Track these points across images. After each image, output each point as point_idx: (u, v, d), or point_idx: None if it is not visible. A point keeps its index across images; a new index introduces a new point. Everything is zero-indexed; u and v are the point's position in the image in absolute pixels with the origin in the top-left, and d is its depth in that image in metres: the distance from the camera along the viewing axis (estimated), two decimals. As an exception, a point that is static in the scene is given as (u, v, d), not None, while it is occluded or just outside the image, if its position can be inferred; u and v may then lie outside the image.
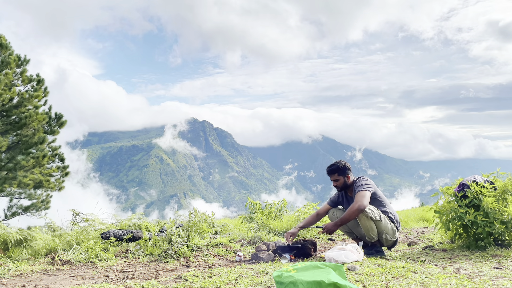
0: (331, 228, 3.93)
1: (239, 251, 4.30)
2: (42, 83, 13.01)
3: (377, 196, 4.05)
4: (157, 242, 4.10)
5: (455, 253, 3.93)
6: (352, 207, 3.80)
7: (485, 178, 4.27)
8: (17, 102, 12.42)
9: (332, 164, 4.25)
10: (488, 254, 3.68)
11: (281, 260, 3.65)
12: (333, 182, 4.23)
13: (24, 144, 12.22)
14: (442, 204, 4.27)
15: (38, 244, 3.93)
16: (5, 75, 11.87)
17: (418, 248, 4.50)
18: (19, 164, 12.00)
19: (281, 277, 2.23)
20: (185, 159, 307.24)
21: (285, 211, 6.28)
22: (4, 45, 12.31)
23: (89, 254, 3.83)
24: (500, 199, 4.10)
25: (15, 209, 12.97)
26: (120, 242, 4.30)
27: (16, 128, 12.11)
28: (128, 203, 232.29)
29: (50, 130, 13.03)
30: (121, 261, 3.77)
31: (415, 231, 6.37)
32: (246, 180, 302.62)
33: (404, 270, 2.97)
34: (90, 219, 4.70)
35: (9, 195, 12.89)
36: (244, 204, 6.90)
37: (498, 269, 3.02)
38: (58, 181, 13.53)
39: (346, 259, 3.35)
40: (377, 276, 2.75)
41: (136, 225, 4.97)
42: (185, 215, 4.90)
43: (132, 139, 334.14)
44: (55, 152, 13.28)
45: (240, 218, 6.78)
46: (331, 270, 2.31)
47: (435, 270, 3.00)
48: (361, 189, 3.94)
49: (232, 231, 5.46)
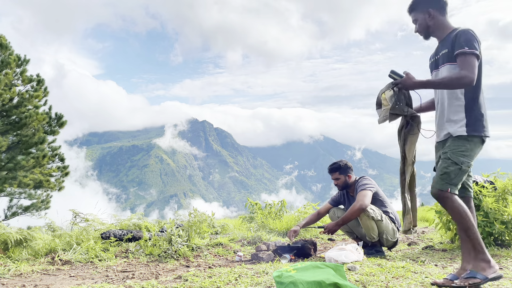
0: (333, 228, 3.93)
1: (239, 251, 4.30)
2: (42, 83, 13.01)
3: (378, 196, 4.05)
4: (157, 242, 4.10)
5: (455, 253, 3.93)
6: (354, 207, 3.80)
7: (485, 178, 4.28)
8: (17, 102, 12.43)
9: (334, 163, 4.26)
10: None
11: (281, 260, 3.64)
12: (334, 181, 4.24)
13: (24, 144, 12.22)
14: (442, 204, 4.27)
15: (38, 244, 3.93)
16: (5, 75, 11.87)
17: (418, 248, 4.50)
18: (19, 164, 12.00)
19: (281, 277, 2.23)
20: (185, 159, 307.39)
21: (285, 211, 6.28)
22: (4, 45, 12.31)
23: (89, 254, 3.83)
24: (500, 199, 4.10)
25: (15, 209, 12.97)
26: (120, 242, 4.30)
27: (16, 128, 12.11)
28: (128, 203, 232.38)
29: (50, 130, 13.04)
30: (121, 261, 3.77)
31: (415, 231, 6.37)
32: (246, 180, 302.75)
33: (404, 270, 2.97)
34: (90, 219, 4.70)
35: (9, 195, 12.89)
36: (244, 204, 6.90)
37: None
38: (58, 181, 13.53)
39: (346, 259, 3.35)
40: (377, 276, 2.75)
41: (136, 225, 4.97)
42: (185, 215, 4.90)
43: (132, 139, 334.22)
44: (55, 152, 13.29)
45: (240, 218, 6.79)
46: (331, 270, 2.31)
47: (435, 270, 3.00)
48: (363, 189, 3.94)
49: (232, 231, 5.46)
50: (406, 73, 2.70)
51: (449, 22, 2.75)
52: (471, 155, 2.57)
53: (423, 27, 2.80)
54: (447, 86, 2.55)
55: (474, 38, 2.56)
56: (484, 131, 2.59)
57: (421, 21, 2.79)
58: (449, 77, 2.52)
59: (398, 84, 2.71)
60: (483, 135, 2.58)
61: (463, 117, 2.58)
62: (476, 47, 2.53)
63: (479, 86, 2.60)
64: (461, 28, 2.65)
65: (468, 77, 2.46)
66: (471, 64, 2.49)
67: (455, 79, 2.49)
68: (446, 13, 2.76)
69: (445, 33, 2.72)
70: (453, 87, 2.56)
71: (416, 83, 2.65)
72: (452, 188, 2.54)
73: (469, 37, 2.55)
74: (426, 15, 2.75)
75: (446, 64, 2.64)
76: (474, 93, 2.59)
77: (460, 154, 2.54)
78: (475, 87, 2.57)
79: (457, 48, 2.55)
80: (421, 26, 2.80)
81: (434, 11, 2.73)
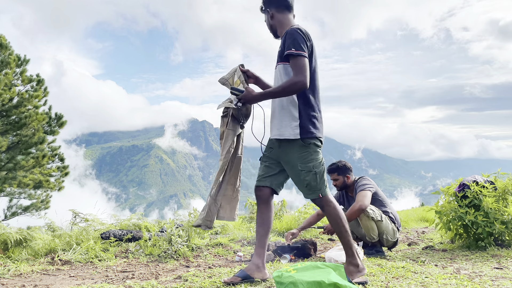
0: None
1: (239, 251, 4.29)
2: (42, 83, 13.02)
3: (378, 196, 4.05)
4: (157, 242, 4.10)
5: (455, 253, 3.93)
6: (354, 207, 3.80)
7: (485, 178, 4.28)
8: (17, 102, 12.43)
9: (332, 164, 4.26)
10: (488, 254, 3.67)
11: (281, 260, 3.64)
12: (333, 182, 4.24)
13: (24, 144, 12.22)
14: (443, 204, 4.27)
15: (38, 244, 3.92)
16: (5, 75, 11.87)
17: (418, 248, 4.49)
18: (19, 164, 12.00)
19: (281, 277, 2.23)
20: (185, 159, 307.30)
21: (284, 211, 6.28)
22: (4, 45, 12.31)
23: (89, 254, 3.83)
24: (501, 199, 4.10)
25: (15, 209, 12.97)
26: (120, 242, 4.29)
27: (16, 128, 12.11)
28: (128, 203, 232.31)
29: (50, 130, 13.04)
30: (121, 261, 3.77)
31: (415, 231, 6.37)
32: (246, 180, 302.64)
33: (404, 270, 2.96)
34: (90, 219, 4.69)
35: (9, 195, 12.90)
36: (244, 204, 6.90)
37: (498, 269, 3.02)
38: (57, 181, 13.54)
39: (346, 259, 3.34)
40: (377, 276, 2.75)
41: (136, 225, 4.96)
42: (185, 215, 4.90)
43: (132, 139, 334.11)
44: (55, 152, 13.29)
45: (240, 218, 6.78)
46: (331, 270, 2.31)
47: (435, 270, 3.00)
48: (362, 189, 3.94)
49: (232, 231, 5.45)
50: (246, 87, 2.71)
51: (290, 19, 2.77)
52: (317, 157, 2.60)
53: (268, 27, 2.85)
54: (284, 94, 2.54)
55: (301, 37, 2.54)
56: (317, 132, 2.61)
57: (265, 21, 2.85)
58: (284, 85, 2.51)
59: (241, 100, 2.70)
60: (316, 136, 2.60)
61: (296, 119, 2.59)
62: (303, 48, 2.51)
63: (312, 87, 2.62)
64: (291, 27, 2.63)
65: (301, 81, 2.45)
66: (302, 67, 2.47)
67: (289, 86, 2.48)
68: (286, 11, 2.76)
69: (283, 31, 2.73)
70: (290, 94, 2.55)
71: (256, 96, 2.65)
72: (321, 192, 2.60)
73: (295, 37, 2.53)
74: (268, 15, 2.80)
75: (280, 63, 2.66)
76: (306, 94, 2.60)
77: (308, 161, 2.57)
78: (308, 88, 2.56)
79: (286, 49, 2.54)
80: (267, 26, 2.85)
81: (273, 10, 2.76)
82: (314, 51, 2.64)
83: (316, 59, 2.68)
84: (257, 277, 2.63)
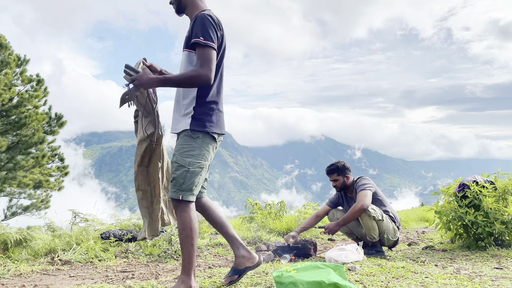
0: (333, 228, 3.92)
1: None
2: (42, 83, 13.01)
3: (377, 195, 4.05)
4: (157, 242, 4.10)
5: (455, 253, 3.93)
6: (355, 207, 3.79)
7: (485, 178, 4.27)
8: (17, 102, 12.43)
9: (332, 164, 4.25)
10: (488, 254, 3.67)
11: (281, 260, 3.64)
12: (332, 182, 4.23)
13: (23, 144, 12.22)
14: (442, 204, 4.27)
15: (37, 244, 3.92)
16: (5, 75, 11.87)
17: (418, 248, 4.49)
18: (19, 164, 12.01)
19: (281, 277, 2.22)
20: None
21: (284, 212, 6.28)
22: (4, 45, 12.31)
23: (89, 254, 3.83)
24: (501, 199, 4.10)
25: (14, 209, 12.98)
26: (120, 242, 4.29)
27: (16, 128, 12.11)
28: (128, 202, 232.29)
29: (50, 130, 13.04)
30: (121, 261, 3.77)
31: (415, 231, 6.37)
32: (246, 180, 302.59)
33: (404, 270, 2.96)
34: (90, 219, 4.69)
35: (9, 195, 12.90)
36: (244, 204, 6.90)
37: (498, 269, 3.02)
38: (57, 181, 13.54)
39: (346, 259, 3.34)
40: (377, 276, 2.75)
41: (136, 225, 4.96)
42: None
43: (132, 139, 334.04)
44: (55, 152, 13.29)
45: (240, 218, 6.78)
46: (331, 270, 2.31)
47: (435, 270, 3.00)
48: (362, 189, 3.93)
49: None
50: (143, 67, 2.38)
51: (204, 1, 2.50)
52: (200, 154, 2.33)
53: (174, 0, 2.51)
54: (184, 85, 2.32)
55: (212, 26, 2.30)
56: (211, 126, 2.36)
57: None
58: (186, 75, 2.27)
59: (134, 81, 2.32)
60: (210, 131, 2.35)
61: (191, 111, 2.36)
62: (212, 38, 2.28)
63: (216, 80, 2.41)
64: (203, 11, 2.37)
65: (205, 76, 2.24)
66: (208, 60, 2.24)
67: (192, 78, 2.25)
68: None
69: (194, 14, 2.43)
70: (191, 86, 2.33)
71: (153, 80, 2.30)
72: (183, 195, 2.29)
73: (205, 25, 2.28)
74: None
75: (185, 50, 2.41)
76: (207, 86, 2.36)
77: (186, 155, 2.31)
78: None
79: (194, 36, 2.29)
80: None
81: None
82: (224, 41, 2.41)
83: (225, 50, 2.44)
84: (251, 265, 2.51)
